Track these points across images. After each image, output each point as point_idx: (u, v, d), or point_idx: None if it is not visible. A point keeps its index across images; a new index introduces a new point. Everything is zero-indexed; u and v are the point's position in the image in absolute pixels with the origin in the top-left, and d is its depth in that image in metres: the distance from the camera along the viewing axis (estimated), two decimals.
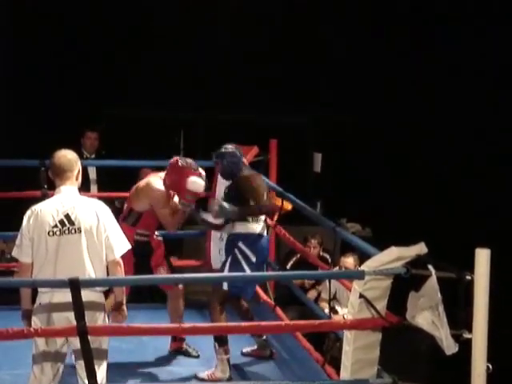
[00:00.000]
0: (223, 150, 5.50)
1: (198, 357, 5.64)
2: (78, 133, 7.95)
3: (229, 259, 5.38)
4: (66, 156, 4.35)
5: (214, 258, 6.31)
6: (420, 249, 3.85)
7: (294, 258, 7.57)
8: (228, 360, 5.26)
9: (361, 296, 3.81)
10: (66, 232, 4.15)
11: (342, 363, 3.94)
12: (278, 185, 6.64)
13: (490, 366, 3.71)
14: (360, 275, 3.85)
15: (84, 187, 7.38)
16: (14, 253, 4.29)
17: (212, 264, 6.37)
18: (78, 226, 4.15)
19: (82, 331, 3.68)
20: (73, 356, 4.21)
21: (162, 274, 5.49)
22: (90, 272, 4.14)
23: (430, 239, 3.96)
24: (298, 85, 10.70)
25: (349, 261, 6.90)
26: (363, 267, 3.88)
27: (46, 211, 4.19)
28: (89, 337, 3.93)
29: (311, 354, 5.50)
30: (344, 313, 6.65)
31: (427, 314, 3.77)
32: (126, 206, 5.62)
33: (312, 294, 7.28)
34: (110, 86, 10.25)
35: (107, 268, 4.22)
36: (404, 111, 10.47)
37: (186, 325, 4.13)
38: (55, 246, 4.14)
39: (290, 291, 6.42)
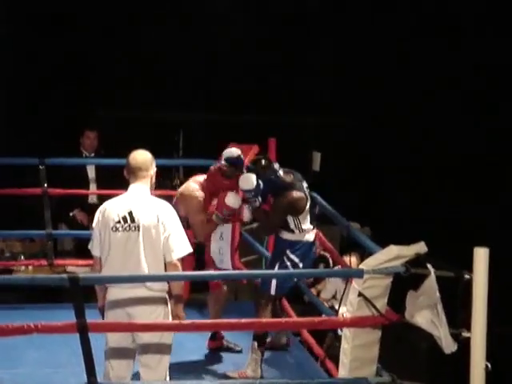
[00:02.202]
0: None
1: (241, 351, 5.68)
2: (77, 132, 7.96)
3: (277, 265, 5.42)
4: (143, 155, 4.41)
5: (215, 257, 6.32)
6: (420, 248, 3.86)
7: None
8: (261, 361, 5.30)
9: (360, 294, 3.81)
10: (127, 229, 4.22)
11: (341, 361, 3.95)
12: None
13: (489, 365, 3.72)
14: (359, 274, 3.86)
15: (83, 186, 7.47)
16: (89, 246, 4.37)
17: (214, 263, 6.37)
18: (138, 224, 4.21)
19: (82, 328, 3.68)
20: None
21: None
22: (146, 270, 4.19)
23: (429, 238, 3.97)
24: (296, 84, 10.72)
25: (352, 260, 6.90)
26: (362, 266, 3.89)
27: (112, 207, 4.28)
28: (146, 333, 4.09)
29: (313, 349, 5.50)
30: (343, 311, 6.66)
31: (426, 313, 3.77)
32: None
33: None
34: (110, 87, 10.27)
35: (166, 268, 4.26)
36: (402, 109, 10.49)
37: (186, 321, 4.13)
38: (117, 242, 4.21)
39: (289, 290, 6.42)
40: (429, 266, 3.77)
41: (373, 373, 3.92)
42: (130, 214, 4.23)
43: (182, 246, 4.25)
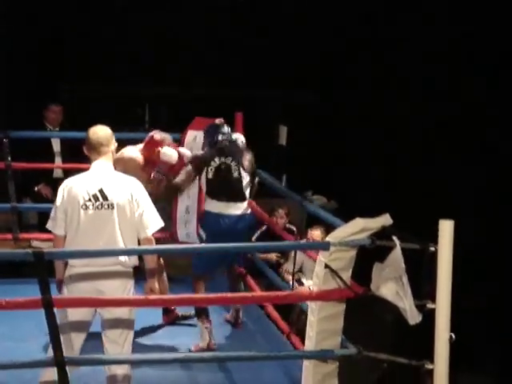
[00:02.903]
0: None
1: (195, 315, 5.75)
2: (40, 106, 7.88)
3: None
4: (103, 130, 4.37)
5: (180, 231, 6.32)
6: (385, 220, 3.88)
7: (259, 231, 7.58)
8: (207, 329, 5.39)
9: (326, 266, 3.83)
10: (99, 207, 4.19)
11: (307, 334, 3.97)
12: None
13: (453, 336, 3.76)
14: (325, 246, 3.87)
15: (48, 159, 7.40)
16: (48, 225, 4.31)
17: (178, 237, 6.38)
18: (111, 202, 4.19)
19: (47, 303, 3.66)
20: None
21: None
22: (121, 247, 4.18)
23: (394, 211, 3.99)
24: (264, 59, 10.70)
25: (316, 233, 6.92)
26: (328, 238, 3.90)
27: (80, 185, 4.22)
28: (116, 308, 4.11)
29: (278, 324, 5.54)
30: (309, 284, 6.69)
31: (391, 285, 3.80)
32: None
33: (284, 268, 7.28)
34: (76, 62, 10.18)
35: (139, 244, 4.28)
36: (366, 84, 10.53)
37: (152, 297, 4.13)
38: (88, 220, 4.18)
39: (255, 264, 6.44)
40: (394, 238, 3.79)
41: (338, 344, 3.95)
42: (101, 191, 4.20)
43: (155, 221, 4.29)
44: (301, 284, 6.85)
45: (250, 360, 4.75)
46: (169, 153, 5.57)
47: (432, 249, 3.75)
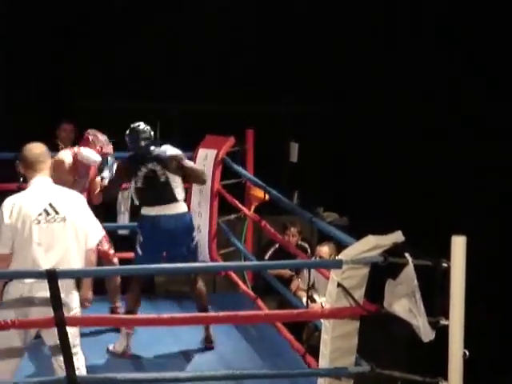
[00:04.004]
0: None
1: None
2: (53, 125, 7.92)
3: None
4: (39, 148, 4.40)
5: None
6: (397, 237, 3.87)
7: (273, 249, 7.58)
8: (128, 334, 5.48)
9: (338, 285, 3.82)
10: (52, 221, 4.21)
11: (321, 352, 3.96)
12: (254, 175, 6.66)
13: (467, 352, 3.74)
14: (338, 264, 3.86)
15: None
16: None
17: None
18: (63, 216, 4.22)
19: (60, 322, 3.66)
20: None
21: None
22: (76, 259, 4.22)
23: (406, 227, 3.98)
24: (274, 74, 10.71)
25: (324, 250, 6.90)
26: (341, 256, 3.89)
27: (28, 201, 4.23)
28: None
29: (292, 344, 5.52)
30: (322, 301, 6.67)
31: (404, 302, 3.79)
32: None
33: (295, 285, 7.26)
34: (85, 79, 10.21)
35: None
36: (379, 99, 10.53)
37: (165, 316, 4.13)
38: (41, 234, 4.18)
39: (268, 281, 6.43)
40: (407, 255, 3.78)
41: (352, 362, 3.94)
42: (52, 206, 4.23)
43: (97, 232, 4.40)
44: (313, 301, 6.82)
45: (264, 378, 4.72)
46: (84, 153, 5.66)
47: (445, 265, 3.74)
